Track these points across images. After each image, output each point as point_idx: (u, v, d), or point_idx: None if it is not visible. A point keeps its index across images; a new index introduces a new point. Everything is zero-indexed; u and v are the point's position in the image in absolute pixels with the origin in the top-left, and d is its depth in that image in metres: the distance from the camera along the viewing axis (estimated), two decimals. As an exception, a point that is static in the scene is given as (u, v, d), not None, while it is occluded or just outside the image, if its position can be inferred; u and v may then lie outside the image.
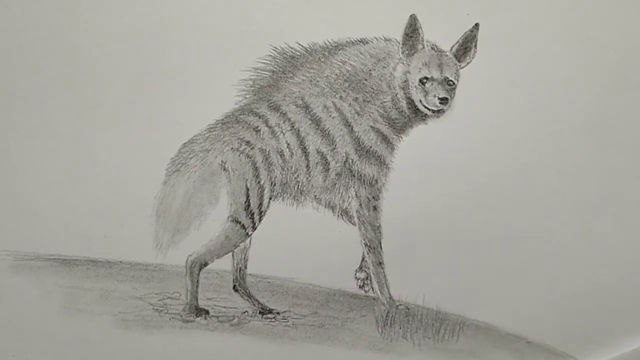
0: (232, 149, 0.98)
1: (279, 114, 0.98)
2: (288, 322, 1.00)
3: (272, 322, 0.99)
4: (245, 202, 0.98)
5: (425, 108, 0.97)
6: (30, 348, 0.97)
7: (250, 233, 0.98)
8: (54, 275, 0.98)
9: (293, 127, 0.98)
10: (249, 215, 0.98)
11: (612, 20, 0.98)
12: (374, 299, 1.01)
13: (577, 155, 1.00)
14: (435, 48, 0.97)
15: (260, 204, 0.98)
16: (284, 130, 0.98)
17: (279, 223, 0.99)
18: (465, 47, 0.97)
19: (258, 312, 1.00)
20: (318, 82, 0.98)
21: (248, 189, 0.98)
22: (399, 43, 0.96)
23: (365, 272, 1.01)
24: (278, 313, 1.00)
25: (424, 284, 1.00)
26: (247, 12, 0.95)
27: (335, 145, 0.99)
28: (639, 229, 1.02)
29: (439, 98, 0.96)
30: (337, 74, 0.98)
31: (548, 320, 1.02)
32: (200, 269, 0.98)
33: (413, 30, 0.95)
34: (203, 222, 0.97)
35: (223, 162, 0.98)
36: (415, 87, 0.97)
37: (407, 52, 0.96)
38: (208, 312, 0.99)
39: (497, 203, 1.00)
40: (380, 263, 1.00)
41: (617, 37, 0.98)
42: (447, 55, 0.97)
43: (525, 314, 1.01)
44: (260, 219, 0.98)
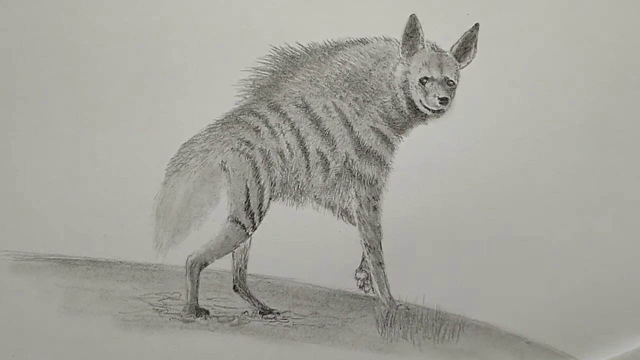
0: (232, 149, 0.98)
1: (279, 114, 0.98)
2: (288, 322, 0.99)
3: (272, 322, 0.99)
4: (245, 202, 0.98)
5: (425, 108, 0.97)
6: (30, 348, 0.97)
7: (250, 233, 0.98)
8: (54, 275, 0.98)
9: (293, 127, 0.98)
10: (249, 216, 0.98)
11: (612, 20, 0.98)
12: (374, 299, 1.01)
13: (577, 155, 1.00)
14: (435, 48, 0.97)
15: (260, 204, 0.98)
16: (284, 131, 0.98)
17: (279, 223, 0.99)
18: (465, 47, 0.97)
19: (258, 312, 1.00)
20: (318, 82, 0.98)
21: (248, 189, 0.98)
22: (399, 43, 0.96)
23: (366, 272, 1.01)
24: (278, 313, 1.00)
25: (424, 284, 1.00)
26: (247, 12, 0.95)
27: (335, 146, 0.99)
28: (639, 229, 1.02)
29: (439, 98, 0.95)
30: (337, 74, 0.98)
31: (548, 320, 1.02)
32: (201, 269, 0.98)
33: (413, 30, 0.95)
34: (203, 222, 0.97)
35: (223, 162, 0.98)
36: (415, 87, 0.97)
37: (407, 52, 0.96)
38: (208, 312, 0.99)
39: (497, 203, 1.00)
40: (381, 263, 1.00)
41: (617, 37, 0.98)
42: (447, 55, 0.97)
43: (525, 314, 1.01)
44: (260, 219, 0.98)
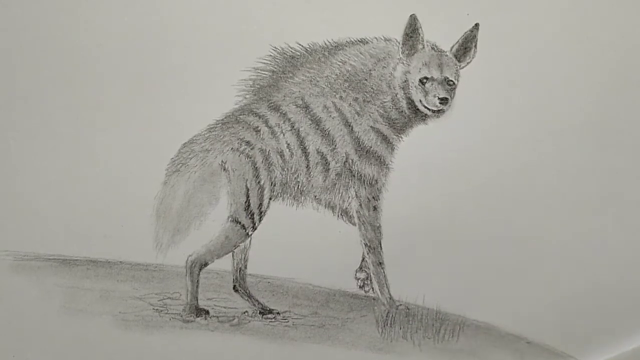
0: (232, 149, 0.98)
1: (279, 114, 0.98)
2: (288, 322, 0.99)
3: (272, 322, 0.99)
4: (245, 202, 0.98)
5: (425, 108, 0.97)
6: (30, 348, 0.97)
7: (250, 233, 0.98)
8: (54, 275, 0.98)
9: (293, 127, 0.98)
10: (249, 216, 0.98)
11: (612, 20, 0.98)
12: (374, 299, 1.01)
13: (577, 155, 1.00)
14: (435, 48, 0.97)
15: (260, 204, 0.98)
16: (284, 131, 0.98)
17: (279, 223, 0.99)
18: (465, 47, 0.97)
19: (258, 312, 1.00)
20: (318, 82, 0.98)
21: (248, 189, 0.98)
22: (399, 43, 0.96)
23: (365, 272, 1.01)
24: (278, 313, 1.00)
25: (424, 284, 1.00)
26: (247, 12, 0.95)
27: (335, 146, 0.99)
28: (639, 229, 1.02)
29: (439, 98, 0.95)
30: (337, 74, 0.98)
31: (548, 320, 1.02)
32: (201, 269, 0.98)
33: (413, 30, 0.95)
34: (203, 222, 0.97)
35: (223, 162, 0.98)
36: (415, 87, 0.97)
37: (407, 52, 0.96)
38: (208, 312, 0.99)
39: (497, 203, 1.00)
40: (381, 263, 1.00)
41: (617, 37, 0.98)
42: (447, 55, 0.97)
43: (525, 314, 1.01)
44: (260, 219, 0.98)
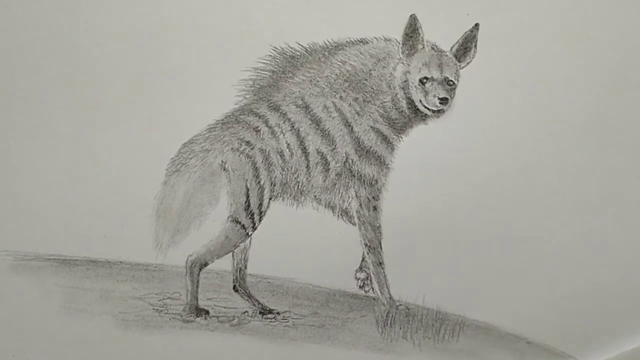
0: (232, 149, 0.98)
1: (279, 114, 0.98)
2: (288, 322, 0.99)
3: (272, 322, 0.99)
4: (245, 202, 0.98)
5: (425, 108, 0.97)
6: (30, 348, 0.97)
7: (250, 233, 0.98)
8: (54, 275, 0.98)
9: (293, 127, 0.98)
10: (249, 216, 0.98)
11: (612, 20, 0.98)
12: (374, 299, 1.01)
13: (577, 155, 1.00)
14: (435, 48, 0.97)
15: (260, 204, 0.98)
16: (284, 131, 0.98)
17: (279, 223, 0.99)
18: (465, 47, 0.97)
19: (258, 312, 1.00)
20: (318, 82, 0.98)
21: (248, 189, 0.98)
22: (399, 43, 0.96)
23: (365, 272, 1.01)
24: (278, 313, 1.00)
25: (424, 284, 1.00)
26: (247, 12, 0.95)
27: (335, 146, 0.99)
28: (639, 229, 1.02)
29: (439, 98, 0.95)
30: (337, 74, 0.98)
31: (548, 320, 1.02)
32: (201, 269, 0.98)
33: (413, 30, 0.95)
34: (203, 222, 0.97)
35: (223, 162, 0.98)
36: (415, 87, 0.97)
37: (407, 52, 0.96)
38: (208, 312, 0.99)
39: (497, 203, 1.00)
40: (381, 263, 1.00)
41: (617, 37, 0.98)
42: (447, 55, 0.97)
43: (525, 314, 1.01)
44: (260, 219, 0.98)
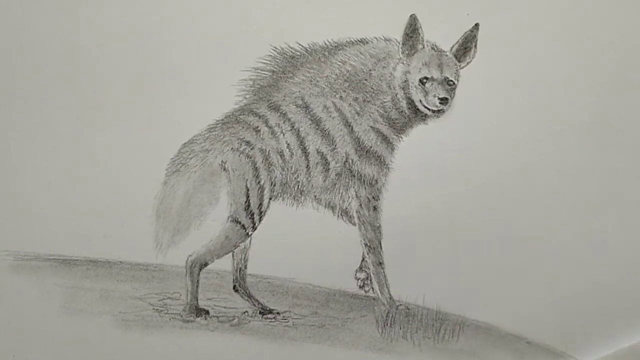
0: (232, 149, 0.98)
1: (279, 114, 0.98)
2: (288, 322, 0.99)
3: (272, 322, 0.99)
4: (245, 202, 0.98)
5: (425, 108, 0.97)
6: (30, 348, 0.97)
7: (250, 233, 0.98)
8: (54, 275, 0.98)
9: (293, 127, 0.98)
10: (249, 216, 0.98)
11: (612, 20, 0.98)
12: (374, 299, 1.01)
13: (577, 155, 1.00)
14: (435, 48, 0.97)
15: (260, 204, 0.98)
16: (284, 131, 0.98)
17: (279, 223, 0.99)
18: (465, 47, 0.97)
19: (258, 312, 1.00)
20: (318, 82, 0.98)
21: (248, 189, 0.98)
22: (399, 43, 0.96)
23: (365, 272, 1.01)
24: (278, 313, 1.00)
25: (424, 284, 1.00)
26: (247, 12, 0.95)
27: (335, 146, 0.99)
28: (639, 229, 1.02)
29: (439, 98, 0.95)
30: (337, 74, 0.98)
31: (548, 320, 1.02)
32: (201, 269, 0.98)
33: (413, 30, 0.95)
34: (203, 222, 0.97)
35: (223, 162, 0.98)
36: (415, 87, 0.97)
37: (407, 52, 0.96)
38: (208, 312, 0.99)
39: (497, 203, 1.00)
40: (381, 263, 1.00)
41: (617, 37, 0.98)
42: (447, 55, 0.97)
43: (525, 314, 1.01)
44: (260, 219, 0.98)
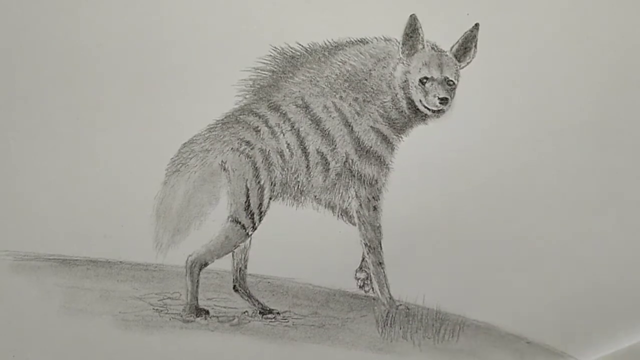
0: (232, 149, 0.98)
1: (279, 114, 0.98)
2: (288, 322, 0.99)
3: (272, 322, 0.99)
4: (245, 202, 0.98)
5: (425, 108, 0.97)
6: (30, 348, 0.97)
7: (250, 233, 0.98)
8: (54, 275, 0.98)
9: (293, 127, 0.98)
10: (249, 216, 0.98)
11: (612, 20, 0.98)
12: (374, 299, 1.01)
13: (577, 155, 1.00)
14: (435, 48, 0.97)
15: (260, 204, 0.98)
16: (284, 131, 0.98)
17: (279, 223, 0.99)
18: (465, 47, 0.97)
19: (258, 312, 1.00)
20: (318, 82, 0.98)
21: (248, 189, 0.98)
22: (399, 43, 0.96)
23: (365, 272, 1.01)
24: (278, 313, 1.00)
25: (424, 284, 1.00)
26: (247, 12, 0.95)
27: (335, 146, 0.99)
28: (639, 229, 1.02)
29: (439, 98, 0.95)
30: (337, 74, 0.98)
31: (548, 320, 1.02)
32: (201, 269, 0.98)
33: (413, 30, 0.95)
34: (203, 222, 0.97)
35: (223, 162, 0.98)
36: (415, 87, 0.97)
37: (407, 52, 0.96)
38: (208, 312, 0.99)
39: (497, 203, 1.00)
40: (380, 263, 1.00)
41: (617, 37, 0.98)
42: (447, 55, 0.97)
43: (525, 314, 1.01)
44: (260, 219, 0.98)
